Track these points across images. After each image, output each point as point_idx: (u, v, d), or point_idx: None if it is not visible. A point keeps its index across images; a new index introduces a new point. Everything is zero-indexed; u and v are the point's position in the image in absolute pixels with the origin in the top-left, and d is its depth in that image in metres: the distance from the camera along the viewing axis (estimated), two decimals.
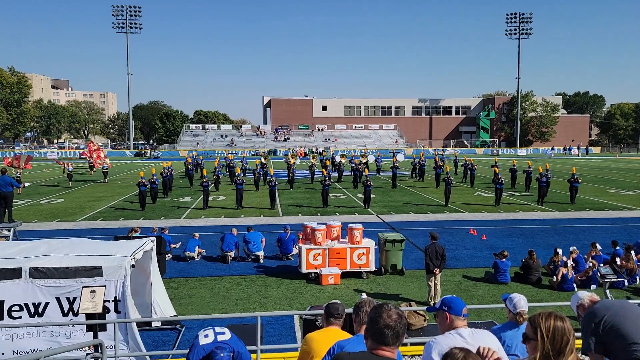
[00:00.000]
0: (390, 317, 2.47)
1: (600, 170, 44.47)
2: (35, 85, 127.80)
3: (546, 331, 2.41)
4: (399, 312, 2.51)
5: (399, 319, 2.48)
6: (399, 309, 2.55)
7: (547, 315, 2.48)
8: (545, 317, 2.46)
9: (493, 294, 11.06)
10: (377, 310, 2.52)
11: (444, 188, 23.96)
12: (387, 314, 2.48)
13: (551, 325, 2.42)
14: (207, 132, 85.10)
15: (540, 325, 2.44)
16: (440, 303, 3.32)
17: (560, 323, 2.44)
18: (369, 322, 2.54)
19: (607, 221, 19.57)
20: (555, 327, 2.42)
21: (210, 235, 16.24)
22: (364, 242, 12.56)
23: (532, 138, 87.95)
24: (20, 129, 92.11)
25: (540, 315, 2.49)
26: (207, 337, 3.85)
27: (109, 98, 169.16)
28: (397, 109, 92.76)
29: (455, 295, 3.61)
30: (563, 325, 2.43)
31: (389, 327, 2.45)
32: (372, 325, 2.51)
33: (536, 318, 2.49)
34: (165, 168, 29.10)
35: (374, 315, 2.51)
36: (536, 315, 2.52)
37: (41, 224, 19.30)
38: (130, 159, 66.62)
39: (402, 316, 2.50)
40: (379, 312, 2.50)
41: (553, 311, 2.52)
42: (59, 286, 7.05)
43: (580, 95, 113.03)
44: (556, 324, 2.43)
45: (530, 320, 2.53)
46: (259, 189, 29.28)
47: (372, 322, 2.51)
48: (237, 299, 10.84)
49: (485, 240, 16.24)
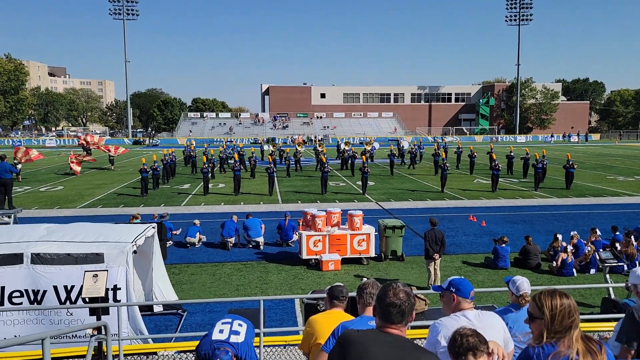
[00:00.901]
0: (397, 295, 2.46)
1: (600, 156, 44.46)
2: (33, 72, 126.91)
3: (552, 309, 2.40)
4: (407, 291, 2.50)
5: (406, 297, 2.47)
6: (407, 287, 2.55)
7: (552, 292, 2.47)
8: (550, 295, 2.45)
9: (493, 279, 11.12)
10: (385, 289, 2.53)
11: (440, 174, 24.18)
12: (393, 292, 2.48)
13: (557, 302, 2.41)
14: (206, 120, 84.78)
15: (545, 303, 2.43)
16: (447, 284, 3.30)
17: (566, 300, 2.43)
18: (377, 300, 2.54)
19: (607, 207, 19.62)
20: (562, 305, 2.41)
21: (210, 222, 16.26)
22: (364, 228, 12.58)
23: (531, 125, 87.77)
24: (18, 116, 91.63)
25: (545, 293, 2.48)
26: (222, 333, 3.79)
27: (106, 86, 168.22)
28: (396, 97, 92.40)
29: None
30: (569, 302, 2.43)
31: (394, 306, 2.44)
32: (379, 304, 2.51)
33: (541, 296, 2.47)
34: (165, 155, 29.15)
35: (381, 294, 2.51)
36: (540, 293, 2.51)
37: (41, 211, 19.30)
38: (129, 147, 66.42)
39: (409, 295, 2.49)
40: (385, 290, 2.50)
41: (557, 289, 2.51)
42: (59, 272, 7.04)
43: (580, 82, 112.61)
44: (562, 301, 2.42)
45: (534, 298, 2.52)
46: (254, 177, 29.18)
47: (379, 300, 2.51)
48: (238, 285, 10.89)
49: (484, 226, 16.28)
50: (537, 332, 2.47)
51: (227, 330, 3.83)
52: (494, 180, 23.83)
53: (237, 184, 23.43)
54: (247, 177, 28.61)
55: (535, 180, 24.28)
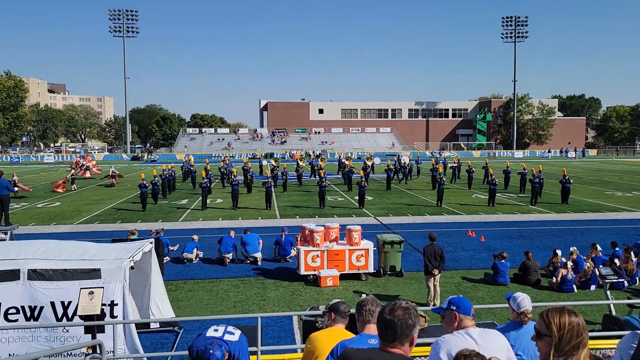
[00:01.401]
0: (393, 313, 2.42)
1: (598, 172, 44.57)
2: (32, 89, 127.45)
3: (561, 327, 2.34)
4: (406, 307, 2.46)
5: (403, 314, 2.43)
6: (409, 304, 2.50)
7: (560, 310, 2.40)
8: (559, 312, 2.39)
9: (492, 296, 11.03)
10: (384, 307, 2.49)
11: (437, 189, 24.49)
12: (389, 309, 2.44)
13: (566, 320, 2.35)
14: (204, 136, 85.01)
15: (553, 321, 2.36)
16: (447, 303, 3.26)
17: (575, 318, 2.36)
18: (377, 319, 2.50)
19: (605, 222, 19.59)
20: (570, 323, 2.34)
21: (208, 238, 16.17)
22: (362, 243, 12.51)
23: (528, 141, 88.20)
24: (16, 133, 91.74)
25: (553, 311, 2.41)
26: (216, 332, 3.82)
27: (105, 102, 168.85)
28: (394, 112, 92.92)
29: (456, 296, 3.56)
30: (577, 321, 2.36)
31: (391, 323, 2.40)
32: (378, 322, 2.47)
33: (549, 313, 2.41)
34: (164, 170, 29.21)
35: (380, 311, 2.48)
36: (548, 310, 2.44)
37: (38, 227, 19.18)
38: (127, 163, 66.47)
39: (408, 312, 2.45)
40: (383, 308, 2.47)
41: (565, 306, 2.46)
42: (55, 288, 6.96)
43: (575, 98, 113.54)
44: (571, 319, 2.35)
45: (542, 315, 2.45)
46: (251, 192, 29.16)
47: (378, 319, 2.47)
48: (235, 301, 10.78)
49: (483, 241, 16.22)
50: (545, 351, 2.40)
51: (222, 330, 3.85)
52: (491, 194, 24.06)
53: (235, 198, 23.59)
54: (245, 192, 28.54)
55: (533, 195, 24.40)
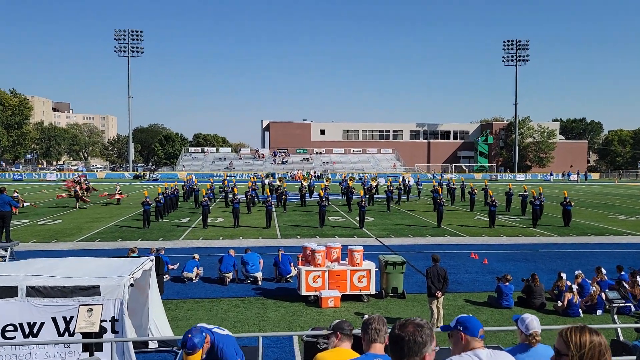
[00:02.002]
0: (403, 328, 2.35)
1: (601, 195, 44.46)
2: (37, 107, 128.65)
3: (581, 346, 2.22)
4: (418, 324, 2.38)
5: (414, 330, 2.35)
6: (425, 322, 2.42)
7: (581, 328, 2.29)
8: (579, 331, 2.27)
9: (497, 319, 10.86)
10: (395, 323, 2.42)
11: (437, 210, 24.73)
12: (400, 324, 2.36)
13: (586, 339, 2.23)
14: (206, 155, 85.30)
15: (573, 340, 2.25)
16: (455, 322, 3.17)
17: (597, 337, 2.25)
18: (390, 338, 2.43)
19: (610, 246, 19.43)
20: (591, 342, 2.22)
21: (208, 257, 16.04)
22: (364, 264, 12.39)
23: (530, 163, 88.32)
24: (20, 150, 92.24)
25: (573, 329, 2.30)
26: (207, 325, 3.82)
27: (109, 121, 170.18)
28: (395, 134, 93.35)
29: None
30: (599, 340, 2.24)
31: (400, 339, 2.32)
32: (392, 341, 2.40)
33: (569, 332, 2.29)
34: (167, 188, 29.28)
35: (392, 329, 2.40)
36: (568, 329, 2.33)
37: (38, 245, 19.09)
38: (130, 181, 66.58)
39: (420, 328, 2.37)
40: (394, 325, 2.40)
41: (586, 325, 2.34)
42: (55, 305, 6.87)
43: (577, 121, 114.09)
44: (592, 338, 2.24)
45: (561, 334, 2.34)
46: (250, 211, 29.07)
47: (392, 338, 2.40)
48: (235, 321, 10.62)
49: (486, 264, 16.06)
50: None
51: (214, 325, 3.84)
52: (491, 216, 24.25)
53: (236, 217, 23.79)
54: (245, 211, 28.46)
55: (534, 217, 24.44)
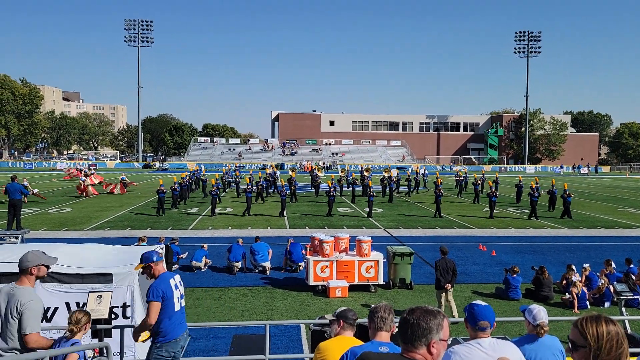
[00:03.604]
0: (412, 313, 2.35)
1: (611, 188, 44.03)
2: (47, 97, 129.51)
3: (599, 336, 2.16)
4: (426, 310, 2.38)
5: (420, 316, 2.35)
6: (436, 309, 2.42)
7: (597, 318, 2.22)
8: (596, 321, 2.20)
9: (504, 310, 10.85)
10: (406, 310, 2.42)
11: (435, 200, 25.05)
12: (410, 309, 2.37)
13: (603, 329, 2.16)
14: (215, 145, 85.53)
15: (590, 330, 2.18)
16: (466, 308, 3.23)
17: (613, 327, 2.18)
18: (399, 322, 2.44)
19: (619, 239, 19.27)
20: (609, 332, 2.16)
21: (217, 246, 16.15)
22: (372, 255, 12.40)
23: (540, 156, 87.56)
24: (31, 139, 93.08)
25: (588, 319, 2.23)
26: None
27: (119, 110, 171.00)
28: (405, 125, 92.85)
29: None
30: (616, 330, 2.17)
31: (407, 323, 2.32)
32: (399, 325, 2.40)
33: (584, 322, 2.23)
34: (183, 178, 29.81)
35: (403, 315, 2.41)
36: (583, 319, 2.26)
37: (48, 233, 19.31)
38: (139, 171, 67.01)
39: (427, 314, 2.37)
40: (406, 311, 2.40)
41: (601, 314, 2.28)
42: (69, 291, 6.96)
43: (586, 113, 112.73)
44: (609, 328, 2.17)
45: (576, 324, 2.27)
46: (264, 201, 29.70)
47: (400, 322, 2.40)
48: (243, 310, 10.70)
49: (494, 256, 16.01)
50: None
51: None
52: (491, 206, 24.53)
53: (249, 205, 24.49)
54: (258, 201, 28.80)
55: (532, 209, 24.48)
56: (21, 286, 4.27)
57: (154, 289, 4.96)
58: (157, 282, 5.04)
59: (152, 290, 4.95)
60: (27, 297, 4.17)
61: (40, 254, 4.41)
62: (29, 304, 4.14)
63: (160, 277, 5.11)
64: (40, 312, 4.24)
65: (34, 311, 4.16)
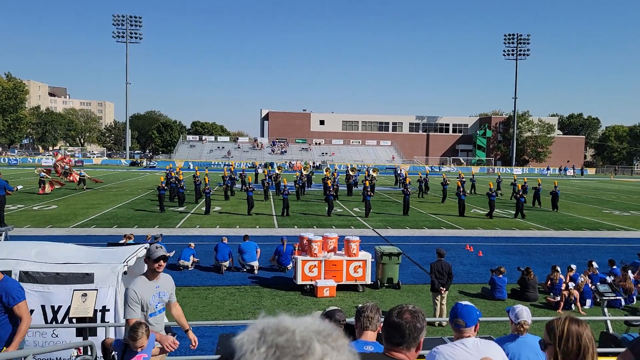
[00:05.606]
0: (401, 315, 2.36)
1: (596, 191, 44.62)
2: (33, 92, 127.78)
3: (559, 334, 2.26)
4: (414, 311, 2.40)
5: (411, 317, 2.37)
6: (416, 308, 2.44)
7: (564, 318, 2.34)
8: (562, 321, 2.32)
9: (490, 310, 10.95)
10: (391, 310, 2.43)
11: (403, 199, 25.58)
12: (397, 312, 2.38)
13: (565, 328, 2.27)
14: (204, 144, 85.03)
15: (556, 329, 2.30)
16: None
17: (575, 326, 2.27)
18: (384, 321, 2.45)
19: (603, 241, 19.54)
20: (569, 330, 2.25)
21: (204, 245, 16.07)
22: (360, 254, 12.44)
23: (527, 158, 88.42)
24: (15, 135, 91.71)
25: (556, 319, 2.35)
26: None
27: (106, 107, 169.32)
28: (395, 126, 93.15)
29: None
30: (578, 329, 2.26)
31: (396, 326, 2.34)
32: (385, 325, 2.42)
33: (552, 322, 2.35)
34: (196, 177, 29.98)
35: (387, 314, 2.42)
36: (552, 320, 2.39)
37: (33, 230, 19.06)
38: (126, 168, 66.42)
39: (416, 316, 2.39)
40: (390, 311, 2.41)
41: (570, 315, 2.39)
42: (46, 292, 6.86)
43: (575, 116, 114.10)
44: (570, 327, 2.27)
45: (546, 325, 2.39)
46: (267, 199, 30.04)
47: (384, 321, 2.42)
48: (230, 309, 10.67)
49: (481, 256, 16.15)
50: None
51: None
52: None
53: (250, 204, 24.44)
54: (261, 199, 29.39)
55: (490, 209, 25.06)
56: None
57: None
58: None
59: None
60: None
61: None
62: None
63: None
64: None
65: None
